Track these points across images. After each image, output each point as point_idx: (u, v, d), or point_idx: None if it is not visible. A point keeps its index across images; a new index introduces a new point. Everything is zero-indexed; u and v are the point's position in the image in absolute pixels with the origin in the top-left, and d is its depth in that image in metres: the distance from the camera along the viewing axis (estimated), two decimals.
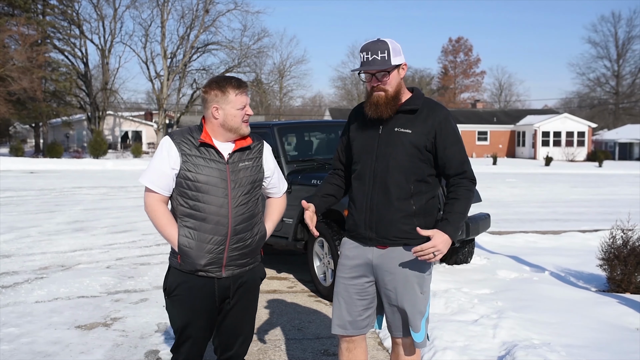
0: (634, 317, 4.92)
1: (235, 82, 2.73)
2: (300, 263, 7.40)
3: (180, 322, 2.80)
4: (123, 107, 52.74)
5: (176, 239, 2.72)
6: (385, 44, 2.74)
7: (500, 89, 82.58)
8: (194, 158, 2.71)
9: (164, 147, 2.74)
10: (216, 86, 2.71)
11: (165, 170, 2.71)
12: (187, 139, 2.74)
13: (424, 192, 2.82)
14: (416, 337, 2.86)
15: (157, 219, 2.74)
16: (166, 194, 2.75)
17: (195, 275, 2.75)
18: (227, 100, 2.71)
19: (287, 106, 68.61)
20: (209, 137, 2.74)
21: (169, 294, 2.80)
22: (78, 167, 30.85)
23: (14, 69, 35.15)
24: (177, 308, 2.79)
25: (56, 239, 9.11)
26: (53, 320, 5.04)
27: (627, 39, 68.96)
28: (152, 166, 2.75)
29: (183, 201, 2.72)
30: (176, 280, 2.78)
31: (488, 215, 6.92)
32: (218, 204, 2.70)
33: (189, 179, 2.69)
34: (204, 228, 2.70)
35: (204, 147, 2.73)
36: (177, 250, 2.74)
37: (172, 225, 2.74)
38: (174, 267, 2.81)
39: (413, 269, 2.82)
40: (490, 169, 33.38)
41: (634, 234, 5.87)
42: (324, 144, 7.42)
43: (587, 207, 14.68)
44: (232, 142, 2.80)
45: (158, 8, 45.84)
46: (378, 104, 2.76)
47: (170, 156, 2.71)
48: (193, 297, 2.76)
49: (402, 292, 2.83)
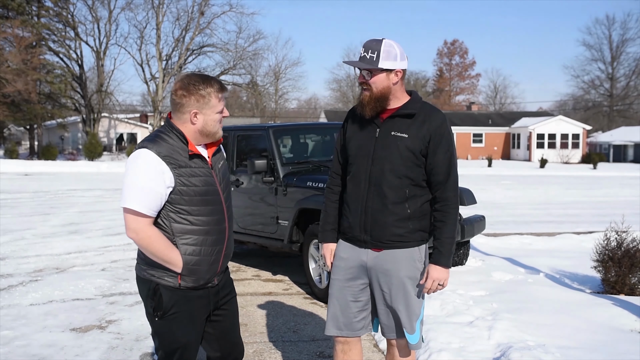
0: (628, 319, 4.94)
1: (218, 86, 2.53)
2: (295, 265, 7.40)
3: (185, 339, 2.59)
4: (118, 109, 52.63)
5: (180, 261, 2.49)
6: (380, 45, 2.75)
7: (495, 91, 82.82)
8: (187, 170, 2.49)
9: (150, 165, 2.41)
10: (196, 91, 2.48)
11: (159, 190, 2.42)
12: (175, 152, 2.48)
13: (419, 196, 2.83)
14: (410, 339, 2.87)
15: (155, 243, 2.45)
16: (155, 215, 2.48)
17: (193, 289, 2.58)
18: (209, 104, 2.50)
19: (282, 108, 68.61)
20: (193, 146, 2.53)
21: (164, 313, 2.55)
22: (73, 169, 30.78)
23: (9, 71, 35.05)
24: (178, 325, 2.57)
25: (51, 242, 9.08)
26: (48, 322, 5.03)
27: (621, 41, 69.33)
28: (138, 186, 2.41)
29: (181, 218, 2.50)
30: (172, 299, 2.54)
31: (483, 217, 6.94)
32: (218, 213, 2.59)
33: (187, 194, 2.48)
34: (208, 241, 2.55)
35: (193, 158, 2.53)
36: (181, 271, 2.51)
37: (173, 248, 2.49)
38: (166, 287, 2.54)
39: (407, 271, 2.84)
40: (485, 171, 33.45)
41: (628, 235, 5.90)
42: (320, 146, 7.43)
43: (582, 209, 14.74)
44: (204, 145, 2.63)
45: (153, 10, 45.76)
46: (362, 102, 2.82)
47: (163, 173, 2.42)
48: (193, 311, 2.59)
49: (396, 294, 2.84)
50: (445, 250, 2.79)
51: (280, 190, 6.44)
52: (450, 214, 2.80)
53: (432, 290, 2.83)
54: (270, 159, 6.54)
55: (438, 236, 2.81)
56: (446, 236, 2.79)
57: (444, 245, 2.79)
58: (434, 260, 2.80)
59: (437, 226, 2.81)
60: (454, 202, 2.81)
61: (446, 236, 2.79)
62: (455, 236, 2.83)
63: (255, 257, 7.88)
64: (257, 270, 7.18)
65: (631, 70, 69.31)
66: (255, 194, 6.83)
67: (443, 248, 2.79)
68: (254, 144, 7.16)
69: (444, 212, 2.80)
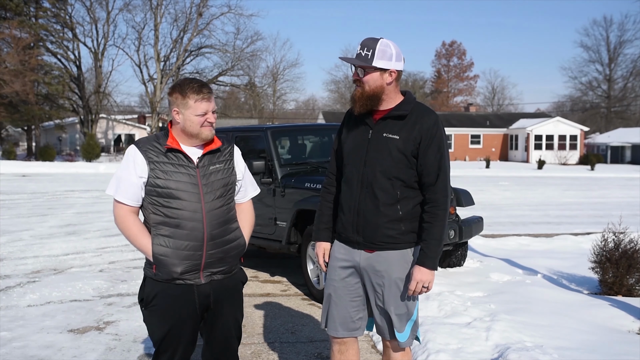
0: (625, 320, 4.95)
1: (197, 87, 2.62)
2: (293, 266, 7.40)
3: (160, 332, 2.70)
4: (116, 110, 52.56)
5: (150, 249, 2.63)
6: (376, 43, 2.76)
7: (493, 93, 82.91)
8: (162, 165, 2.62)
9: (129, 157, 2.64)
10: (178, 89, 2.62)
11: (133, 180, 2.62)
12: (153, 146, 2.65)
13: (411, 198, 2.83)
14: (399, 337, 2.88)
15: (128, 229, 2.65)
16: (136, 205, 2.67)
17: (172, 283, 2.66)
18: (187, 105, 2.61)
19: (280, 109, 68.58)
20: (176, 142, 2.66)
21: (146, 304, 2.70)
22: (71, 170, 30.74)
23: (6, 72, 35.02)
24: (156, 318, 2.70)
25: (48, 243, 9.08)
26: (45, 324, 5.02)
27: (618, 43, 69.52)
28: (118, 177, 2.67)
29: (155, 209, 2.64)
30: (153, 290, 2.68)
31: (481, 218, 6.95)
32: (191, 209, 2.62)
33: (159, 186, 2.61)
34: (179, 235, 2.62)
35: (172, 153, 2.64)
36: (152, 260, 2.64)
37: (144, 235, 2.65)
38: (149, 277, 2.71)
39: (399, 272, 2.85)
40: (483, 172, 33.49)
41: (625, 236, 5.91)
42: (318, 147, 7.44)
43: (580, 210, 14.76)
44: (201, 147, 2.72)
45: (151, 11, 45.71)
46: (354, 98, 2.83)
47: (136, 164, 2.62)
48: (172, 306, 2.67)
49: (388, 295, 2.85)
50: (431, 252, 2.76)
51: (278, 191, 6.44)
52: (439, 216, 2.77)
53: (417, 293, 2.80)
54: (268, 160, 6.54)
55: (425, 237, 2.79)
56: (433, 238, 2.77)
57: (429, 247, 2.77)
58: (419, 262, 2.78)
59: (425, 227, 2.79)
60: (443, 204, 2.78)
61: (433, 238, 2.77)
62: (443, 238, 2.81)
63: (253, 258, 7.88)
64: (255, 272, 7.18)
65: (629, 72, 69.57)
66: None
67: (429, 250, 2.77)
68: (252, 145, 7.16)
69: (432, 214, 2.78)
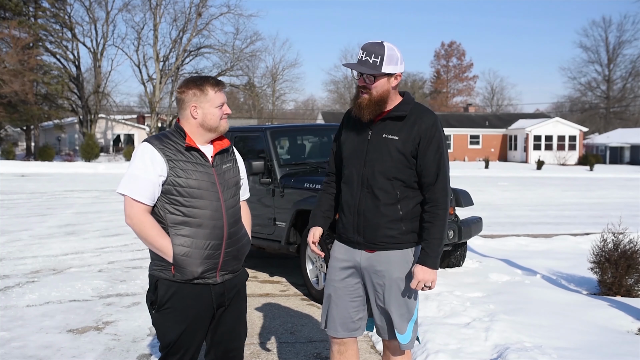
0: (624, 320, 4.95)
1: (213, 80, 2.68)
2: (292, 266, 7.40)
3: (174, 334, 2.64)
4: (115, 110, 52.56)
5: (170, 250, 2.57)
6: (383, 49, 2.73)
7: (492, 93, 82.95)
8: (182, 163, 2.60)
9: (146, 154, 2.58)
10: (194, 85, 2.64)
11: (151, 179, 2.55)
12: (170, 144, 2.62)
13: (411, 198, 2.84)
14: (401, 339, 2.88)
15: (147, 230, 2.56)
16: (151, 204, 2.59)
17: (190, 283, 2.63)
18: (207, 98, 2.64)
19: (279, 110, 68.52)
20: (192, 140, 2.65)
21: (159, 307, 2.64)
22: (70, 170, 30.73)
23: (6, 72, 35.00)
24: (170, 320, 2.64)
25: (47, 243, 9.07)
26: (44, 324, 5.02)
27: (617, 43, 69.59)
28: (134, 175, 2.57)
29: (174, 209, 2.59)
30: (168, 292, 2.62)
31: (480, 218, 6.96)
32: (213, 208, 2.63)
33: (179, 185, 2.58)
34: (201, 234, 2.60)
35: (190, 151, 2.64)
36: (173, 261, 2.58)
37: (165, 236, 2.58)
38: (164, 279, 2.63)
39: (400, 272, 2.85)
40: (482, 173, 33.50)
41: (624, 237, 5.91)
42: (317, 148, 7.44)
43: (579, 211, 14.77)
44: (210, 144, 2.73)
45: (151, 11, 45.72)
46: (361, 105, 2.80)
47: (155, 162, 2.56)
48: (189, 307, 2.64)
49: (388, 295, 2.85)
50: (432, 252, 2.78)
51: (277, 191, 6.44)
52: (439, 215, 2.79)
53: (420, 288, 2.81)
54: (267, 160, 6.54)
55: (425, 237, 2.80)
56: (433, 237, 2.78)
57: (431, 246, 2.78)
58: (420, 261, 2.79)
59: (425, 227, 2.81)
60: (443, 204, 2.80)
61: (433, 237, 2.78)
62: (444, 238, 2.82)
63: (253, 259, 7.88)
64: (255, 272, 7.18)
65: (627, 72, 69.62)
66: (253, 196, 6.81)
67: (430, 249, 2.78)
68: (252, 145, 7.16)
69: (432, 214, 2.80)
